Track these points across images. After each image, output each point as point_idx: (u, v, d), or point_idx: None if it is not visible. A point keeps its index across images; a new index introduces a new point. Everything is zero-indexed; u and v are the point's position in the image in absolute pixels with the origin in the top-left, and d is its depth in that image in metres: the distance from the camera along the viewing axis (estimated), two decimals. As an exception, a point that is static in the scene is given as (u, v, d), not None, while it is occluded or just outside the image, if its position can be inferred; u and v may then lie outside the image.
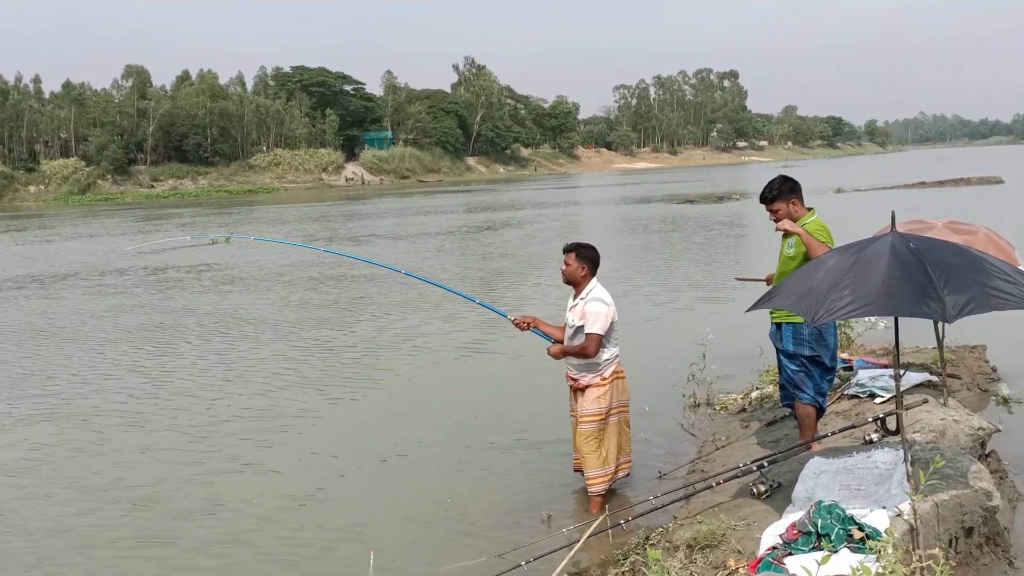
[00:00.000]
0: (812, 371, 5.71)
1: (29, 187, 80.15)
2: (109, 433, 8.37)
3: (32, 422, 8.87)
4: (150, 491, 6.79)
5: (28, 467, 7.53)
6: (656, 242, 24.59)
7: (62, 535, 6.11)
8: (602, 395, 5.88)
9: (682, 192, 50.90)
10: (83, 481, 7.12)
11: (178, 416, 8.75)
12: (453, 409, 8.67)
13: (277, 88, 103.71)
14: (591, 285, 5.92)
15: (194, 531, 6.04)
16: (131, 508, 6.49)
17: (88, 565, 5.67)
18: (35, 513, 6.52)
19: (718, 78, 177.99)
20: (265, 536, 5.92)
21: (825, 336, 5.69)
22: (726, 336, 9.60)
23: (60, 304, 16.92)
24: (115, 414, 8.98)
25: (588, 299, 5.85)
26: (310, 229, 34.71)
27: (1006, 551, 4.62)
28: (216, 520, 6.22)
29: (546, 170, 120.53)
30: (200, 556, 5.68)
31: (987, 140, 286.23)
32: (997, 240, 6.91)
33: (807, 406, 5.73)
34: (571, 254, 5.96)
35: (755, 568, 4.11)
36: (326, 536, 5.86)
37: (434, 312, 14.10)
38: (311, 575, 5.38)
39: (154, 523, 6.21)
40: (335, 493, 6.63)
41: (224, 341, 12.53)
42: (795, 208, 5.73)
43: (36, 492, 6.94)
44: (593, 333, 5.76)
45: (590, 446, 5.86)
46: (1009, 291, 3.97)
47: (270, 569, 5.48)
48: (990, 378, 8.24)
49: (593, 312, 5.79)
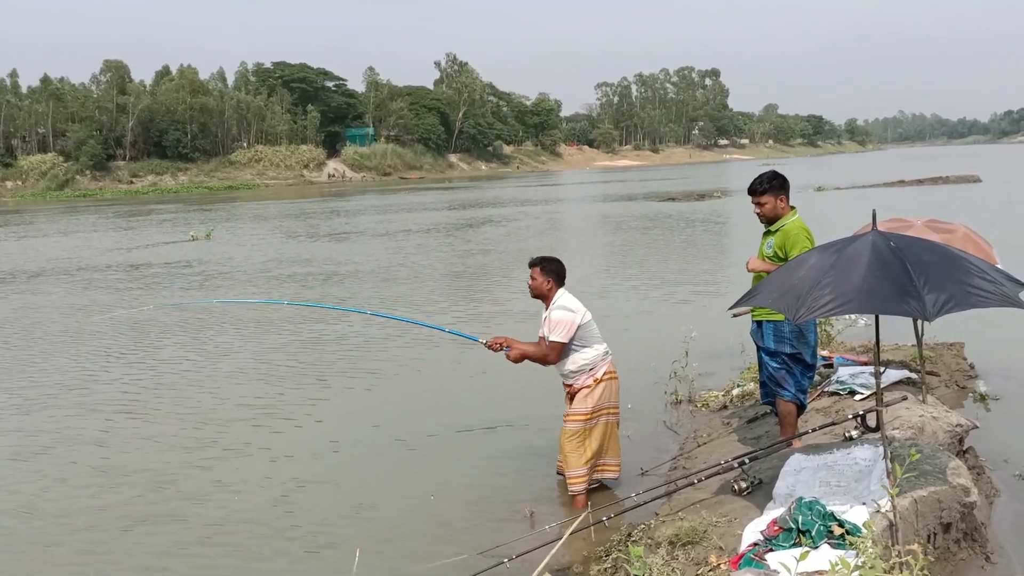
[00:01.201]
0: (793, 368, 5.74)
1: (6, 182, 79.36)
2: (116, 421, 8.52)
3: (37, 410, 9.03)
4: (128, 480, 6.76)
5: (39, 453, 7.73)
6: (638, 240, 24.64)
7: (71, 517, 6.26)
8: (589, 394, 5.90)
9: (664, 190, 51.06)
10: (92, 465, 7.31)
11: (161, 408, 8.72)
12: (436, 406, 8.66)
13: (258, 84, 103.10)
14: (558, 294, 5.96)
15: (164, 535, 6.00)
16: (120, 493, 6.46)
17: (98, 543, 5.79)
18: (46, 495, 6.71)
19: (700, 76, 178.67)
20: (245, 536, 5.87)
21: (805, 334, 5.72)
22: (708, 334, 9.63)
23: (49, 299, 16.75)
24: (116, 404, 9.07)
25: (554, 307, 5.90)
26: (291, 226, 34.56)
27: (983, 546, 4.67)
28: (196, 520, 6.17)
29: (528, 167, 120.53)
30: (171, 559, 5.64)
31: (965, 139, 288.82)
32: (975, 238, 6.99)
33: (788, 403, 5.76)
34: (536, 268, 6.00)
35: (736, 564, 4.13)
36: (307, 532, 5.83)
37: (421, 308, 14.06)
38: (294, 572, 5.35)
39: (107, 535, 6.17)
40: (315, 490, 6.59)
41: (212, 337, 12.45)
42: (781, 204, 5.77)
43: (49, 474, 7.16)
44: (554, 341, 5.81)
45: (572, 444, 5.88)
46: (987, 289, 4.00)
47: (251, 569, 5.44)
48: (968, 375, 8.32)
49: (556, 320, 5.83)
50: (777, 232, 5.74)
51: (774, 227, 5.79)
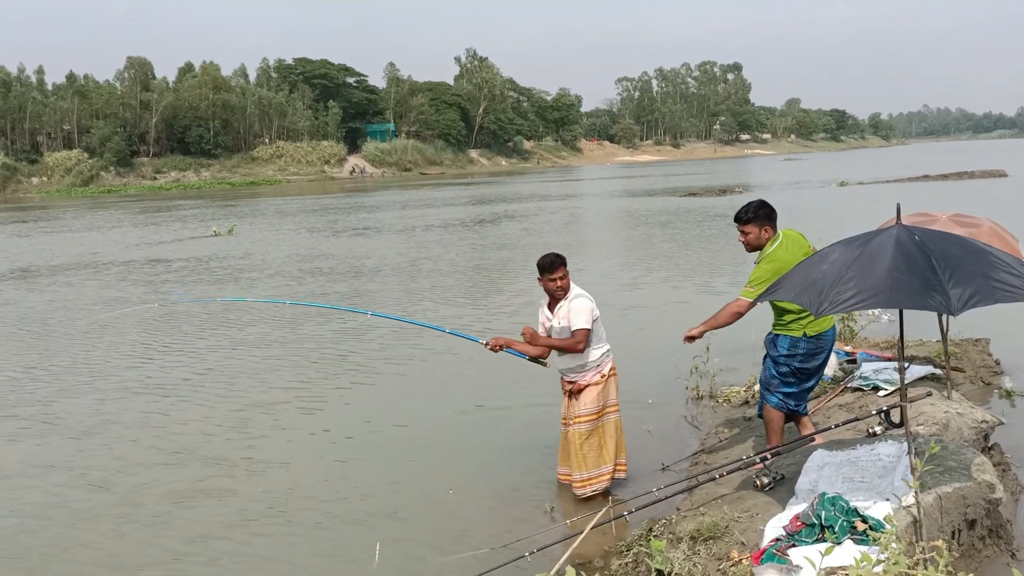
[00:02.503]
0: (800, 382, 5.69)
1: (32, 179, 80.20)
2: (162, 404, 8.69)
3: (75, 395, 9.40)
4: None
5: (86, 431, 8.18)
6: (659, 235, 24.55)
7: (109, 490, 6.71)
8: (601, 391, 5.94)
9: (685, 185, 50.81)
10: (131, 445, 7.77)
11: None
12: (457, 400, 8.68)
13: (280, 80, 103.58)
14: (574, 290, 5.98)
15: (189, 520, 6.06)
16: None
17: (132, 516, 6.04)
18: (87, 473, 7.13)
19: (722, 71, 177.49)
20: (268, 526, 5.93)
21: (819, 355, 5.67)
22: (729, 329, 9.55)
23: (82, 291, 16.96)
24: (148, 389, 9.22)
25: (572, 298, 5.91)
26: (313, 222, 34.72)
27: (1008, 543, 4.63)
28: (212, 512, 6.23)
29: (548, 163, 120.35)
30: (194, 546, 5.70)
31: (991, 134, 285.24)
32: (1002, 233, 6.89)
33: (773, 410, 5.76)
34: (563, 267, 5.95)
35: (758, 559, 4.12)
36: (328, 526, 5.87)
37: (443, 300, 14.09)
38: (316, 566, 5.39)
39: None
40: (335, 484, 6.64)
41: (226, 330, 12.55)
42: (765, 234, 5.73)
43: (96, 453, 7.62)
44: (581, 329, 5.81)
45: (590, 445, 5.90)
46: (1014, 284, 3.95)
47: (275, 559, 5.49)
48: (993, 371, 8.24)
49: (579, 308, 5.84)
50: (760, 262, 5.71)
51: (758, 257, 5.77)
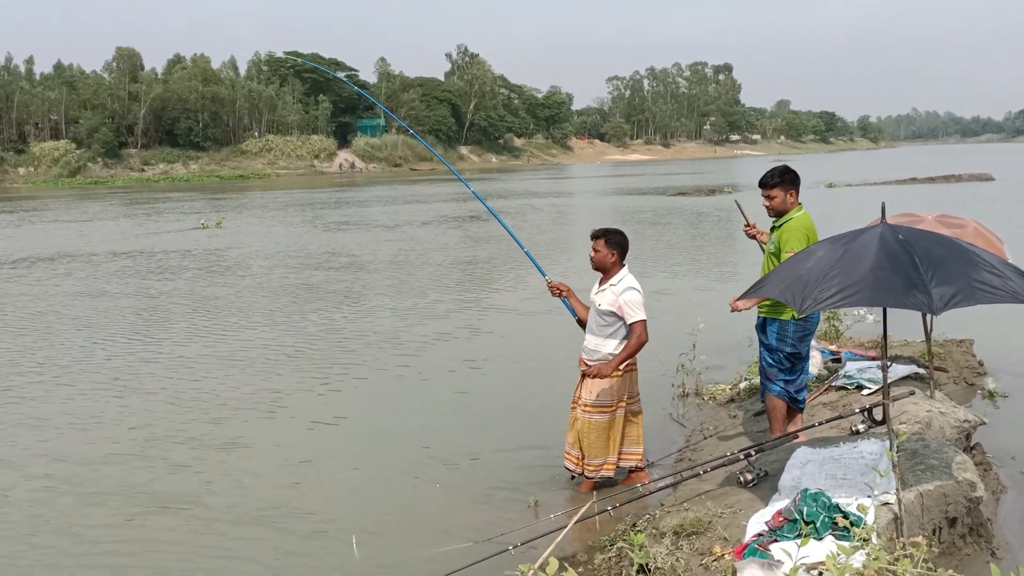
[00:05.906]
0: (794, 366, 5.77)
1: (19, 169, 79.56)
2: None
3: (48, 391, 9.11)
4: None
5: (72, 423, 8.17)
6: (648, 233, 24.58)
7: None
8: (623, 381, 5.84)
9: (674, 184, 50.91)
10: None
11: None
12: (442, 394, 8.69)
13: (270, 73, 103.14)
14: (622, 273, 5.85)
15: (171, 518, 6.05)
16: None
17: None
18: (88, 456, 7.18)
19: (712, 71, 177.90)
20: (249, 520, 5.92)
21: (808, 337, 5.76)
22: (716, 327, 9.62)
23: (62, 285, 16.86)
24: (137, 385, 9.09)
25: (622, 289, 5.76)
26: (301, 215, 34.60)
27: (988, 542, 4.67)
28: (203, 504, 6.22)
29: (539, 160, 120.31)
30: (176, 539, 5.69)
31: (979, 138, 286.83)
32: (986, 234, 6.95)
33: (775, 398, 5.80)
34: (600, 240, 5.88)
35: (740, 554, 4.14)
36: (310, 518, 5.86)
37: (429, 296, 14.09)
38: (294, 562, 5.39)
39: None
40: (320, 476, 6.63)
41: (217, 322, 12.52)
42: (791, 199, 5.82)
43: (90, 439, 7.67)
44: (639, 320, 5.71)
45: (602, 435, 5.85)
46: (995, 284, 3.98)
47: (253, 554, 5.49)
48: (976, 372, 8.30)
49: (631, 301, 5.72)
50: (781, 227, 5.78)
51: (779, 221, 5.83)
